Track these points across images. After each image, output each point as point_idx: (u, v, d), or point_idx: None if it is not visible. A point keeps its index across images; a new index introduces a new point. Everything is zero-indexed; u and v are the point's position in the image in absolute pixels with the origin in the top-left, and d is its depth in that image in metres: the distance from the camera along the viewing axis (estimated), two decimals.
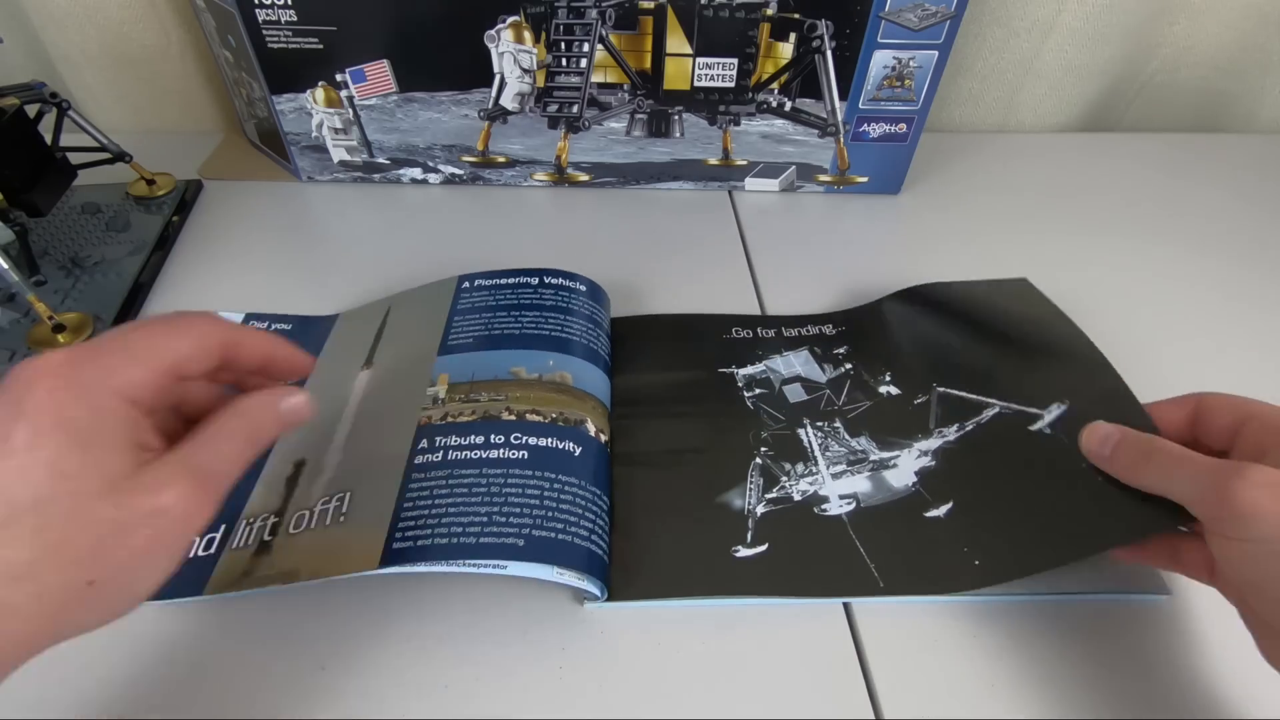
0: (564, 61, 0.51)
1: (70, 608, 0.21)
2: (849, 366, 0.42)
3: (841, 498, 0.36)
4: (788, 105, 0.53)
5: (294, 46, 0.49)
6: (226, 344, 0.25)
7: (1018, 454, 0.36)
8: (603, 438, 0.36)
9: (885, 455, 0.38)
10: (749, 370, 0.42)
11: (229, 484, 0.24)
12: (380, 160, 0.56)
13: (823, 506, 0.36)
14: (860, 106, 0.53)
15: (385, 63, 0.50)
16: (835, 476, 0.37)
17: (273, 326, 0.45)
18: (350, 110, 0.53)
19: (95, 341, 0.23)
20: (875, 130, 0.54)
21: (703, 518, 0.35)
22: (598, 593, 0.31)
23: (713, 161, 0.56)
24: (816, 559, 0.34)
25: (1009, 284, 0.46)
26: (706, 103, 0.53)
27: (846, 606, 0.33)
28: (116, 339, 0.23)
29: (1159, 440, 0.30)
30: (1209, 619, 0.32)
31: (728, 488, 0.37)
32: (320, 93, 0.52)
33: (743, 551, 0.34)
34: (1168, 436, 0.31)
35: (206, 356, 0.25)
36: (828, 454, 0.38)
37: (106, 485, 0.21)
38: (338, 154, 0.56)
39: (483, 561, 0.30)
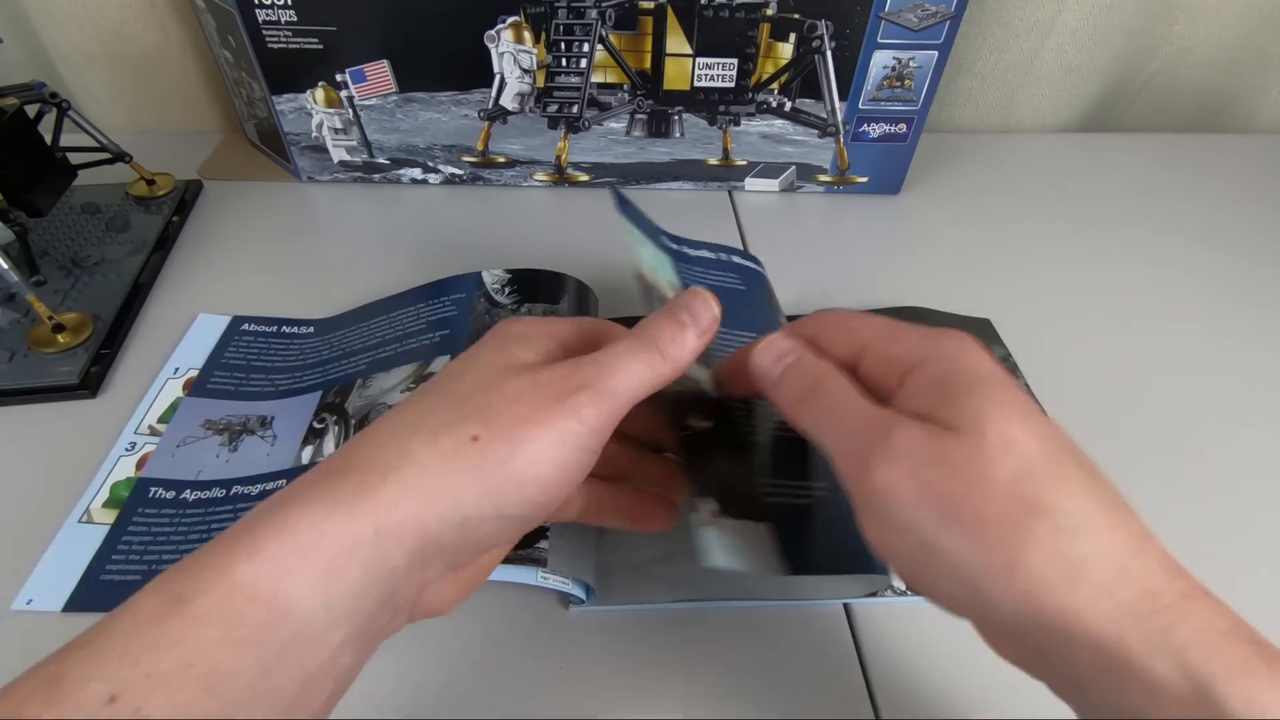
0: (564, 61, 0.51)
1: (463, 458, 0.21)
2: None
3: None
4: (788, 105, 0.53)
5: (294, 46, 0.49)
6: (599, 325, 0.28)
7: None
8: None
9: None
10: None
11: (625, 404, 0.23)
12: (380, 160, 0.56)
13: None
14: (860, 106, 0.52)
15: (385, 63, 0.50)
16: None
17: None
18: (350, 110, 0.53)
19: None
20: (875, 130, 0.54)
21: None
22: (583, 597, 0.32)
23: (713, 162, 0.56)
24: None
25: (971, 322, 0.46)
26: (706, 103, 0.53)
27: (846, 607, 0.33)
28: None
29: (834, 375, 0.23)
30: None
31: None
32: (320, 93, 0.52)
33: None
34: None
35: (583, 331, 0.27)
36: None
37: (512, 368, 0.23)
38: (338, 154, 0.56)
39: None
